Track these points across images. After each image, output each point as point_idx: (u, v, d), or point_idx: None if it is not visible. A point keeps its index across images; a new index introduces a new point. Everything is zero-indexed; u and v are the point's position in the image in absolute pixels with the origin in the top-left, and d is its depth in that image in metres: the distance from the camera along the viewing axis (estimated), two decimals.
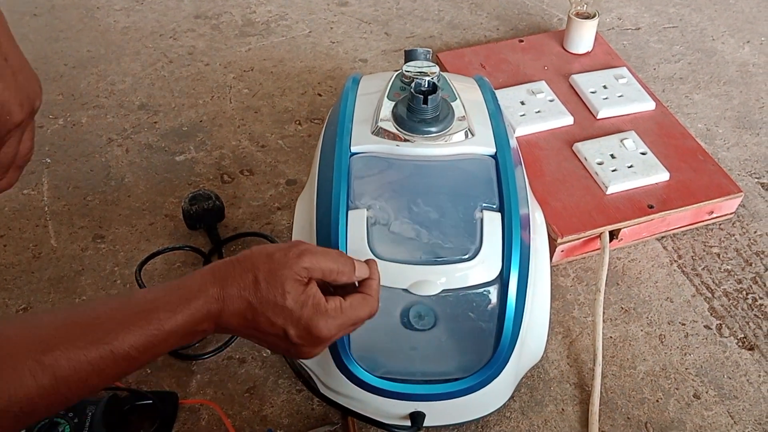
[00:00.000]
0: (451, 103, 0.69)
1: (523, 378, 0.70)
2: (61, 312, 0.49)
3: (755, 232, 0.87)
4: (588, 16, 1.01)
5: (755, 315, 0.78)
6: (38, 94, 0.55)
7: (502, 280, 0.61)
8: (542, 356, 0.70)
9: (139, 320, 0.48)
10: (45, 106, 1.00)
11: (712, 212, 0.85)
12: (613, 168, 0.84)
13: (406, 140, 0.66)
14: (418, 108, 0.65)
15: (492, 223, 0.62)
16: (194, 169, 0.92)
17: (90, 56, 1.09)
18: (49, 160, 0.93)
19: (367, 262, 0.57)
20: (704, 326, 0.77)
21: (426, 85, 0.65)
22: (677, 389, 0.72)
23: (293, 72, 1.07)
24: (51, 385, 0.44)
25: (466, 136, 0.67)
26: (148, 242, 0.83)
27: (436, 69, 0.69)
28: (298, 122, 0.99)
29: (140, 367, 0.50)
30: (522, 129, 0.90)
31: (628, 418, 0.70)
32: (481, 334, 0.62)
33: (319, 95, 1.03)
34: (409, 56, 0.73)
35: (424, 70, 0.69)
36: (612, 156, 0.86)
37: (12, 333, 0.45)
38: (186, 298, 0.50)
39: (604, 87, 0.95)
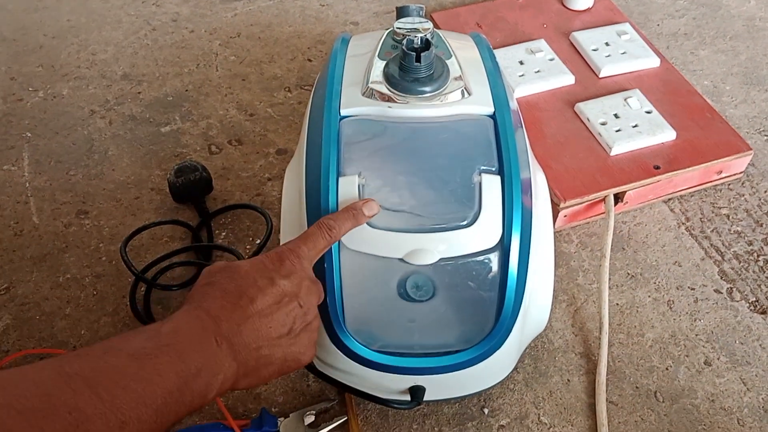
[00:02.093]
0: (446, 62, 0.65)
1: (526, 349, 0.68)
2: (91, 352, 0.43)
3: (765, 191, 0.84)
4: None
5: (767, 277, 0.75)
6: None
7: (503, 246, 0.58)
8: (546, 326, 0.67)
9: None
10: (24, 79, 0.96)
11: (720, 172, 0.82)
12: (617, 128, 0.81)
13: (398, 101, 0.62)
14: (411, 67, 0.62)
15: (491, 186, 0.58)
16: (180, 141, 0.88)
17: (70, 26, 1.05)
18: (29, 134, 0.89)
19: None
20: (714, 290, 0.74)
21: (419, 42, 0.62)
22: (687, 356, 0.69)
23: (281, 37, 1.03)
24: None
25: (463, 95, 0.63)
26: (134, 217, 0.80)
27: (430, 25, 0.65)
28: (287, 89, 0.95)
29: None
30: (521, 90, 0.86)
31: (637, 387, 0.67)
32: (482, 303, 0.59)
33: (309, 61, 0.99)
34: (401, 13, 0.70)
35: (416, 26, 0.65)
36: (616, 116, 0.82)
37: (42, 373, 0.41)
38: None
39: (606, 44, 0.92)
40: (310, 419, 0.63)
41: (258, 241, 0.77)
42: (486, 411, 0.65)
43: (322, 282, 0.58)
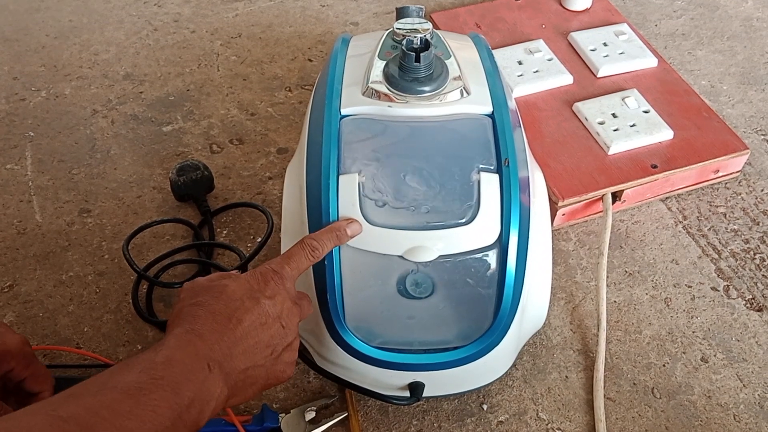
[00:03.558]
0: (446, 62, 0.66)
1: (525, 345, 0.68)
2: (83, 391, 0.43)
3: (762, 190, 0.84)
4: None
5: (763, 275, 0.76)
6: None
7: (501, 244, 0.59)
8: (544, 323, 0.68)
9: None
10: (27, 78, 0.97)
11: (717, 171, 0.83)
12: (614, 127, 0.82)
13: (398, 101, 0.63)
14: (411, 66, 0.62)
15: (490, 184, 0.59)
16: (182, 140, 0.89)
17: (72, 26, 1.05)
18: (32, 134, 0.90)
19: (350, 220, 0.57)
20: (711, 288, 0.75)
21: (418, 43, 0.62)
22: (684, 353, 0.70)
23: (282, 37, 1.04)
24: None
25: (462, 95, 0.64)
26: (136, 215, 0.81)
27: (429, 25, 0.66)
28: (288, 89, 0.96)
29: None
30: (520, 89, 0.87)
31: (634, 383, 0.68)
32: (481, 300, 0.60)
33: (310, 61, 1.00)
34: (401, 13, 0.70)
35: (416, 26, 0.66)
36: (613, 115, 0.83)
37: (35, 419, 0.40)
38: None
39: (605, 44, 0.92)
40: (310, 415, 0.64)
41: (259, 239, 0.78)
42: (485, 407, 0.66)
43: (322, 280, 0.59)
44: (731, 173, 0.84)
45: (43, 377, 0.55)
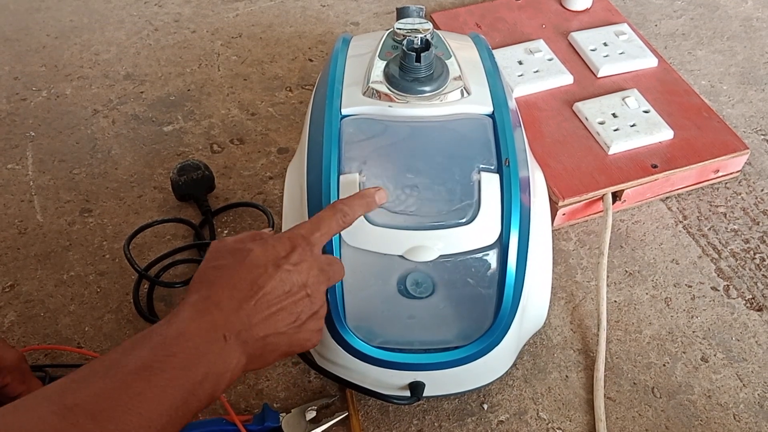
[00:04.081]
0: (446, 62, 0.66)
1: (525, 345, 0.69)
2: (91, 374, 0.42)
3: (762, 190, 0.85)
4: None
5: (763, 275, 0.76)
6: None
7: (502, 244, 0.59)
8: (545, 322, 0.68)
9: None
10: (28, 78, 0.97)
11: (717, 171, 0.83)
12: (615, 127, 0.82)
13: (398, 101, 0.63)
14: (411, 66, 0.63)
15: (490, 184, 0.59)
16: (183, 140, 0.89)
17: (73, 26, 1.05)
18: (33, 134, 0.90)
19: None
20: (711, 288, 0.75)
21: (419, 43, 0.63)
22: (684, 353, 0.70)
23: (283, 37, 1.04)
24: None
25: (462, 95, 0.64)
26: (137, 215, 0.81)
27: (430, 26, 0.66)
28: (288, 89, 0.96)
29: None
30: (520, 89, 0.87)
31: (635, 383, 0.68)
32: (481, 300, 0.60)
33: (310, 60, 1.00)
34: (402, 14, 0.71)
35: (416, 27, 0.66)
36: (614, 115, 0.83)
37: (39, 405, 0.40)
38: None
39: (605, 44, 0.92)
40: (311, 415, 0.64)
41: None
42: (485, 406, 0.66)
43: None
44: (731, 173, 0.85)
45: None
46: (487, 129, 0.63)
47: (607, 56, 0.91)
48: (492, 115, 0.64)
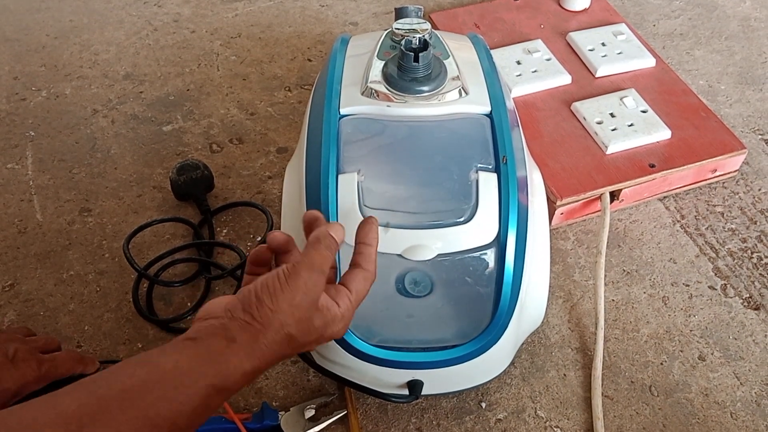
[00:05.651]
0: (444, 62, 0.66)
1: (523, 344, 0.69)
2: (83, 387, 0.44)
3: (759, 189, 0.85)
4: None
5: (760, 274, 0.77)
6: None
7: (500, 243, 0.59)
8: (543, 321, 0.68)
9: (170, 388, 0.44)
10: (27, 78, 0.97)
11: (715, 170, 0.83)
12: (612, 127, 0.82)
13: (397, 100, 0.63)
14: (409, 66, 0.63)
15: (488, 183, 0.59)
16: (182, 139, 0.89)
17: (72, 26, 1.06)
18: (32, 133, 0.90)
19: (365, 220, 0.55)
20: (708, 287, 0.76)
21: (417, 43, 0.63)
22: (682, 351, 0.70)
23: (282, 37, 1.04)
24: None
25: (460, 94, 0.64)
26: (137, 215, 0.81)
27: (428, 26, 0.66)
28: (287, 89, 0.96)
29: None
30: (518, 89, 0.87)
31: (632, 381, 0.68)
32: (479, 299, 0.60)
33: (309, 60, 1.00)
34: (400, 14, 0.71)
35: (414, 27, 0.66)
36: (612, 115, 0.83)
37: (37, 414, 0.41)
38: (214, 361, 0.46)
39: (603, 44, 0.93)
40: (310, 413, 0.64)
41: (258, 239, 0.78)
42: (483, 405, 0.66)
43: None
44: (729, 173, 0.85)
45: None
46: (485, 129, 0.63)
47: (605, 56, 0.91)
48: (490, 115, 0.64)
